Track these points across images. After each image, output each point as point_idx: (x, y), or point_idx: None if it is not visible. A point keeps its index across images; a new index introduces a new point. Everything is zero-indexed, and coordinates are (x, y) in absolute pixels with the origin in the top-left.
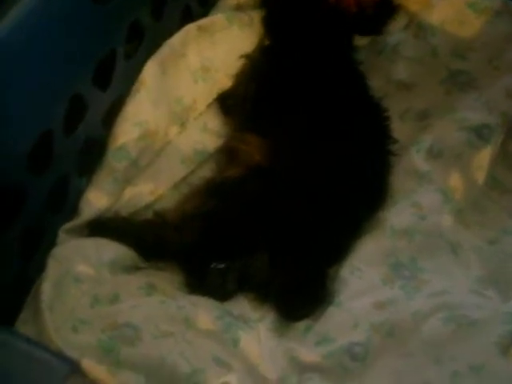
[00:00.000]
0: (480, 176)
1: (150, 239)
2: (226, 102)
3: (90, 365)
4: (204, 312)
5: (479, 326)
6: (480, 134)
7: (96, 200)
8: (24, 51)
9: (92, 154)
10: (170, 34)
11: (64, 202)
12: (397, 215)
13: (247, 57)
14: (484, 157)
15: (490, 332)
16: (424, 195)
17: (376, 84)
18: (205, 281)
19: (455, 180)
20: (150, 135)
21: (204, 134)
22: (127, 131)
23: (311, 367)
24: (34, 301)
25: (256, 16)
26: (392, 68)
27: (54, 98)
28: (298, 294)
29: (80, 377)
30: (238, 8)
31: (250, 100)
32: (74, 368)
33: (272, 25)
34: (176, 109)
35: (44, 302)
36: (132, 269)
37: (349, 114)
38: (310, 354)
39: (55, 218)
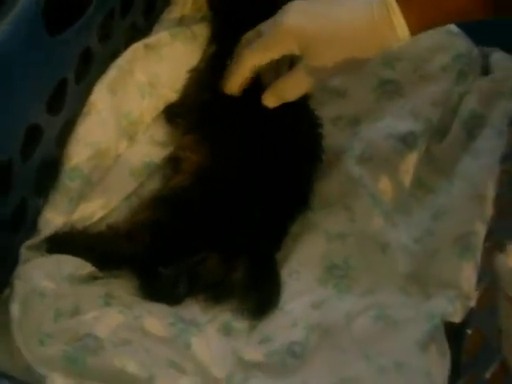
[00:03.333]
0: (407, 179)
1: (103, 250)
2: (172, 111)
3: (58, 380)
4: (158, 319)
5: (403, 325)
6: (405, 140)
7: (53, 218)
8: None
9: (48, 175)
10: (117, 51)
11: (24, 222)
12: (331, 219)
13: (192, 71)
14: (410, 161)
15: (411, 331)
16: (355, 199)
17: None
18: (156, 288)
19: (384, 184)
20: (101, 153)
21: (151, 146)
22: (79, 152)
23: (255, 365)
24: (2, 319)
25: (198, 30)
26: None
27: (11, 130)
28: (261, 285)
29: None
30: (182, 21)
31: (196, 108)
32: None
33: (219, 30)
34: (124, 124)
35: (14, 321)
36: (90, 279)
37: (284, 121)
38: (254, 353)
39: (17, 237)
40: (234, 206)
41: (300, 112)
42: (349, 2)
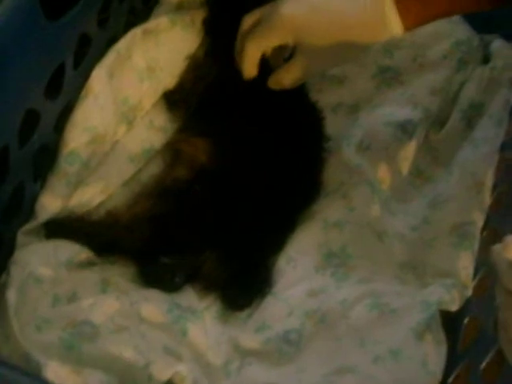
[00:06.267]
0: (405, 167)
1: (102, 238)
2: (172, 97)
3: (55, 367)
4: (155, 306)
5: (399, 314)
6: (404, 128)
7: (50, 203)
8: None
9: (45, 160)
10: (116, 36)
11: (21, 207)
12: (328, 208)
13: (191, 57)
14: (408, 149)
15: (407, 319)
16: (354, 187)
17: (311, 79)
18: (155, 275)
19: (383, 171)
20: (99, 138)
21: (150, 131)
22: (77, 137)
23: (251, 352)
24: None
25: (197, 16)
26: None
27: (8, 115)
28: (243, 286)
29: None
30: (181, 4)
31: (195, 96)
32: None
33: (212, 27)
34: (123, 109)
35: (10, 307)
36: (87, 265)
37: (287, 115)
38: (250, 341)
39: (14, 222)
40: (236, 205)
41: (301, 103)
42: None
